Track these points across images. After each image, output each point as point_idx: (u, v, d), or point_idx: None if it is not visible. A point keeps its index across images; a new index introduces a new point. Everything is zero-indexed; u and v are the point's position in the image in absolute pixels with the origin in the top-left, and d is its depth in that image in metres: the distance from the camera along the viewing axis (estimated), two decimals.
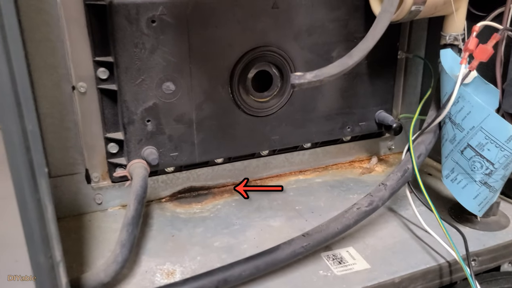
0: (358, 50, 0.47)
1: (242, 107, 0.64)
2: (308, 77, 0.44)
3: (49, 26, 0.53)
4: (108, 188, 0.63)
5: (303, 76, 0.44)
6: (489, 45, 0.51)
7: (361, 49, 0.47)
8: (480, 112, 0.52)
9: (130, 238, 0.49)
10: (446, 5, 0.58)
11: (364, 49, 0.47)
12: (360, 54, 0.47)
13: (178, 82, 0.59)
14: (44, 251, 0.31)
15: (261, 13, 0.60)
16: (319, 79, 0.45)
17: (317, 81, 0.45)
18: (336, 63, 0.47)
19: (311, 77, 0.44)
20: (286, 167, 0.74)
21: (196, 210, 0.64)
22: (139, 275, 0.51)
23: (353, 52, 0.47)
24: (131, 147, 0.59)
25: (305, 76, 0.44)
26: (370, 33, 0.48)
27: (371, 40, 0.48)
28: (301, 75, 0.44)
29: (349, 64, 0.47)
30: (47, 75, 0.55)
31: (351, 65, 0.47)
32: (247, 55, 0.61)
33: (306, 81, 0.44)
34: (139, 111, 0.58)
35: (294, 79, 0.44)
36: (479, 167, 0.54)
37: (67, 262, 0.51)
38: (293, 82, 0.44)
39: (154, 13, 0.54)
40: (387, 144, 0.81)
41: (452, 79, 0.54)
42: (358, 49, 0.48)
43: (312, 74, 0.45)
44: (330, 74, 0.45)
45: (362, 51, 0.47)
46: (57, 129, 0.58)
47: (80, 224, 0.60)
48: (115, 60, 0.55)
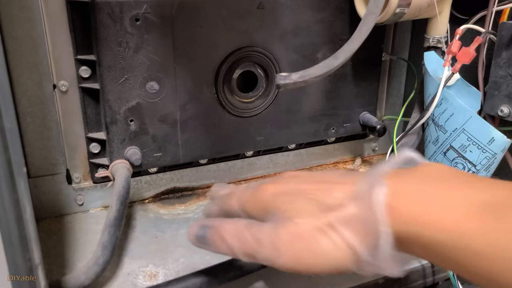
0: (343, 52, 0.48)
1: (227, 108, 0.63)
2: (294, 77, 0.45)
3: (31, 23, 0.52)
4: (89, 189, 0.62)
5: (288, 77, 0.44)
6: (471, 48, 0.52)
7: (346, 51, 0.48)
8: (462, 114, 0.53)
9: (112, 240, 0.48)
10: (430, 7, 0.58)
11: (349, 50, 0.48)
12: (345, 55, 0.47)
13: (162, 81, 0.58)
14: (22, 253, 0.30)
15: (246, 14, 0.60)
16: (304, 79, 0.45)
17: (302, 81, 0.45)
18: (321, 64, 0.47)
19: (297, 78, 0.45)
20: (270, 168, 0.74)
21: (180, 211, 0.63)
22: (121, 277, 0.50)
23: (338, 54, 0.48)
24: (114, 147, 0.58)
25: (291, 76, 0.45)
26: (356, 35, 0.48)
27: (356, 41, 0.48)
28: (287, 76, 0.45)
29: (334, 65, 0.47)
30: (28, 73, 0.54)
31: (336, 66, 0.47)
32: (232, 55, 0.61)
33: (291, 82, 0.44)
34: (122, 110, 0.57)
35: (280, 80, 0.44)
36: (461, 169, 0.54)
37: (47, 264, 0.50)
38: (278, 82, 0.44)
39: (138, 11, 0.54)
40: (371, 146, 0.81)
41: (435, 81, 0.55)
42: (343, 50, 0.48)
43: (298, 74, 0.45)
44: (316, 74, 0.46)
45: (347, 53, 0.48)
46: (38, 129, 0.57)
47: (60, 226, 0.59)
48: (97, 58, 0.54)
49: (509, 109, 0.53)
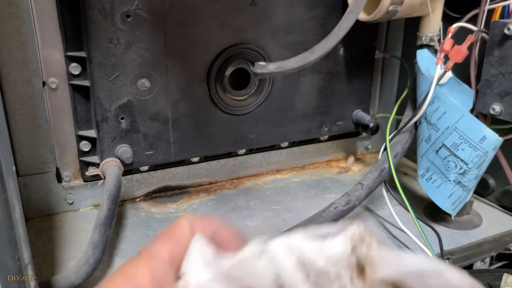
0: (320, 47, 0.49)
1: (219, 105, 0.63)
2: (271, 67, 0.47)
3: (20, 19, 0.52)
4: (80, 188, 0.61)
5: (266, 67, 0.47)
6: (464, 46, 0.52)
7: (323, 46, 0.49)
8: (454, 113, 0.53)
9: (103, 239, 0.48)
10: (422, 6, 0.58)
11: (326, 46, 0.49)
12: (322, 51, 0.49)
13: (154, 79, 0.57)
14: (11, 252, 0.30)
15: (239, 10, 0.59)
16: (280, 70, 0.48)
17: (279, 72, 0.48)
18: (298, 57, 0.48)
19: (273, 68, 0.47)
20: (263, 167, 0.73)
21: (171, 210, 0.63)
22: None
23: (315, 48, 0.49)
24: (104, 145, 0.58)
25: (268, 66, 0.47)
26: (334, 32, 0.49)
27: (334, 38, 0.49)
28: (265, 65, 0.47)
29: (310, 59, 0.48)
30: (17, 70, 0.53)
31: (312, 61, 0.49)
32: (225, 53, 0.61)
33: (268, 72, 0.47)
34: (113, 108, 0.56)
35: (257, 68, 0.47)
36: (453, 167, 0.54)
37: (37, 264, 0.50)
38: (256, 71, 0.47)
39: (129, 7, 0.53)
40: (364, 144, 0.82)
41: (428, 79, 0.55)
42: (320, 45, 0.49)
43: (275, 65, 0.47)
44: (291, 67, 0.48)
45: (324, 48, 0.49)
46: (27, 126, 0.56)
47: (50, 225, 0.59)
48: (88, 55, 0.54)
49: (501, 108, 0.53)
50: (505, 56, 0.52)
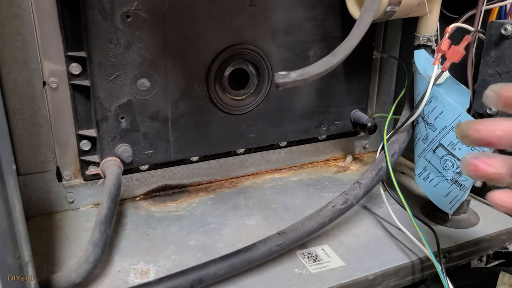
0: (342, 49, 0.47)
1: (218, 105, 0.63)
2: (293, 76, 0.43)
3: (20, 19, 0.52)
4: (80, 187, 0.62)
5: (287, 75, 0.42)
6: (461, 46, 0.52)
7: (345, 48, 0.47)
8: (452, 112, 0.53)
9: (103, 238, 0.48)
10: (420, 6, 0.58)
11: (348, 47, 0.47)
12: (344, 52, 0.47)
13: (154, 79, 0.58)
14: (11, 251, 0.30)
15: (238, 11, 0.60)
16: (303, 77, 0.43)
17: (302, 80, 0.43)
18: (320, 62, 0.45)
19: (296, 76, 0.43)
20: (262, 166, 0.74)
21: (171, 209, 0.63)
22: (112, 275, 0.50)
23: (337, 51, 0.47)
24: (105, 144, 0.58)
25: (290, 75, 0.43)
26: (354, 32, 0.48)
27: (355, 38, 0.48)
28: (286, 74, 0.42)
29: (334, 62, 0.46)
30: (17, 70, 0.53)
31: (336, 64, 0.46)
32: (224, 53, 0.61)
33: (291, 80, 0.42)
34: (113, 107, 0.57)
35: (279, 78, 0.42)
36: (450, 166, 0.55)
37: (37, 262, 0.50)
38: (278, 81, 0.42)
39: (129, 8, 0.53)
40: (361, 143, 0.82)
41: (425, 79, 0.55)
42: (342, 47, 0.47)
43: (297, 73, 0.43)
44: (315, 73, 0.44)
45: (346, 49, 0.47)
46: (27, 126, 0.56)
47: (51, 224, 0.59)
48: (88, 55, 0.54)
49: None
50: (502, 56, 0.53)
